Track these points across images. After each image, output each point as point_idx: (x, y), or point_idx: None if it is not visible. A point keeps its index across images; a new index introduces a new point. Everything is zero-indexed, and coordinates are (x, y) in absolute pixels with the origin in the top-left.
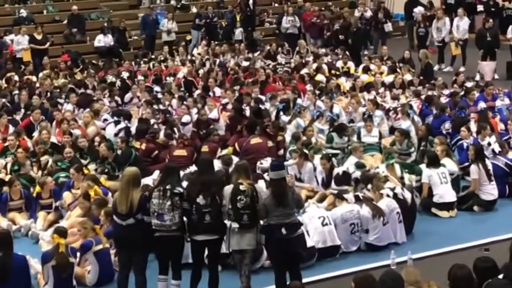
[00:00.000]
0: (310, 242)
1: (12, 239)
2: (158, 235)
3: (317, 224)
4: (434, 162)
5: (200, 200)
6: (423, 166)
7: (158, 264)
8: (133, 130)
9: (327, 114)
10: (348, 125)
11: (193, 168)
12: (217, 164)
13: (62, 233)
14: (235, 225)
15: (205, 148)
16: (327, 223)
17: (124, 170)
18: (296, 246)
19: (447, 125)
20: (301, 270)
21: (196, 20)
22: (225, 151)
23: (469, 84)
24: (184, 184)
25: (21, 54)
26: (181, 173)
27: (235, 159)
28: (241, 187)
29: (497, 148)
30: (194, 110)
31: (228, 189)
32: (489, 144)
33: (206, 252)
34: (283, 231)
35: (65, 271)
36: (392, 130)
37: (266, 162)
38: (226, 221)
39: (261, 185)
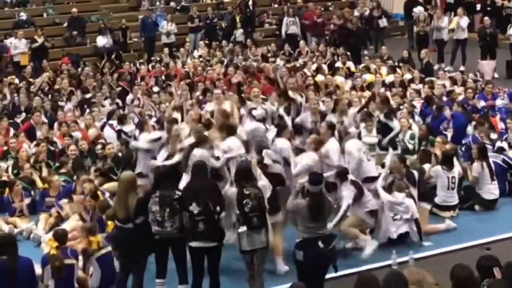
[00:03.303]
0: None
1: (17, 242)
2: (159, 238)
3: None
4: (449, 163)
5: (193, 208)
6: (426, 166)
7: (156, 267)
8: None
9: None
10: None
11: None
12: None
13: (57, 236)
14: (243, 228)
15: None
16: None
17: (120, 175)
18: (331, 259)
19: (446, 124)
20: None
21: (189, 23)
22: None
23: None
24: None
25: (18, 57)
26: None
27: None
28: (245, 191)
29: (506, 146)
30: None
31: (232, 194)
32: (494, 141)
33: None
34: (320, 244)
35: (61, 273)
36: None
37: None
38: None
39: (264, 183)
